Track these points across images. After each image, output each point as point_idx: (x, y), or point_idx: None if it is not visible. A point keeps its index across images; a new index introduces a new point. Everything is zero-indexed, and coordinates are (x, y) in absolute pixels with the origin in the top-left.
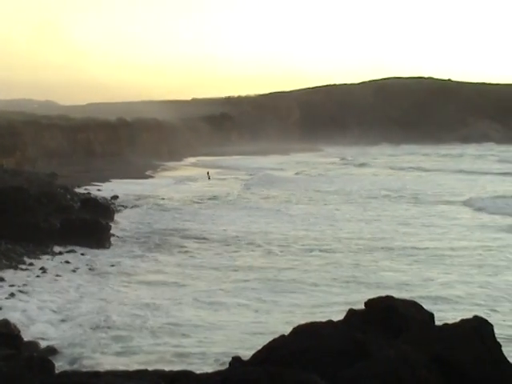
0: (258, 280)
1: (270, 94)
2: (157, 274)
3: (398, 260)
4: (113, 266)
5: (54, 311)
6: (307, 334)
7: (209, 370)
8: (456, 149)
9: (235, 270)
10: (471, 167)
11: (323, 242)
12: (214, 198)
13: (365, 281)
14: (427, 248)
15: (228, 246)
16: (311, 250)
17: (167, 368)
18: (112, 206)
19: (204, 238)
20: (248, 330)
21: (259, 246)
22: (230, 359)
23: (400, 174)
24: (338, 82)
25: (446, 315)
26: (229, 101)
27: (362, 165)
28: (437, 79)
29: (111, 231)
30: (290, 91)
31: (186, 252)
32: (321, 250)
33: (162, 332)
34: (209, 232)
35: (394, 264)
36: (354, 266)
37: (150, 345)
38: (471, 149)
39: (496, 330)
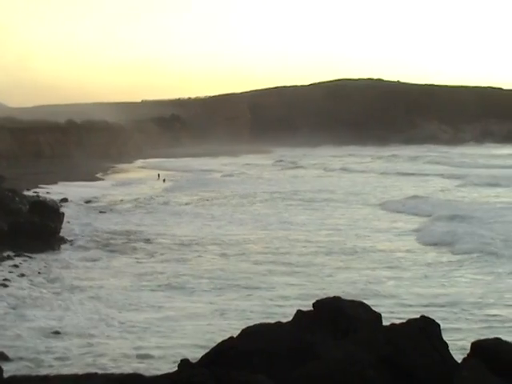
0: (211, 283)
1: (220, 95)
2: (108, 277)
3: (350, 261)
4: (63, 269)
5: (3, 317)
6: (255, 335)
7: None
8: (398, 150)
9: (187, 274)
10: (401, 168)
11: (276, 245)
12: (164, 200)
13: (318, 282)
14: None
15: (178, 249)
16: (264, 253)
17: (121, 371)
18: (61, 208)
19: (155, 242)
20: (200, 332)
21: (210, 249)
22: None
23: (330, 174)
24: (288, 84)
25: (397, 315)
26: (179, 102)
27: (298, 167)
28: (386, 81)
29: (61, 234)
30: (241, 93)
31: (138, 255)
32: (274, 254)
33: (115, 336)
34: (160, 235)
35: (346, 265)
36: (306, 269)
37: (103, 348)
38: (411, 150)
39: (453, 326)
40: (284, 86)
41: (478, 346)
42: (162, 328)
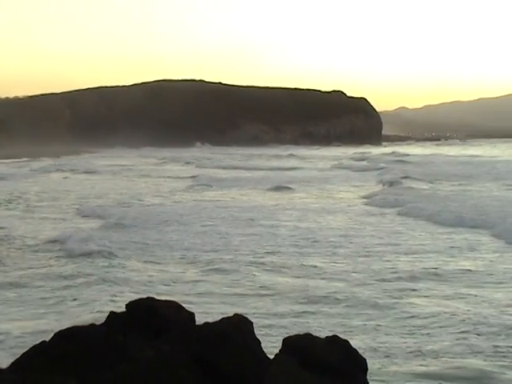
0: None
1: (40, 95)
2: None
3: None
4: None
5: None
6: (68, 338)
7: None
8: (197, 152)
9: None
10: (162, 170)
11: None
12: None
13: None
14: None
15: None
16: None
17: None
18: None
19: None
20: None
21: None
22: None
23: (79, 177)
24: (108, 84)
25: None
26: None
27: (63, 170)
28: (208, 82)
29: None
30: (60, 93)
31: None
32: (71, 256)
33: None
34: None
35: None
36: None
37: None
38: (206, 151)
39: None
40: (105, 86)
41: (288, 342)
42: None
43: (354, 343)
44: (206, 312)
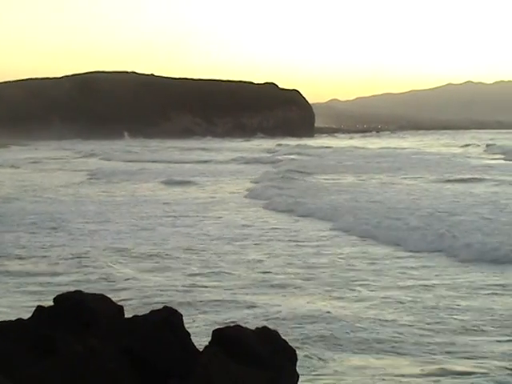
0: None
1: None
2: None
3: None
4: None
5: None
6: None
7: None
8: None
9: None
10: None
11: None
12: None
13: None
14: None
15: None
16: None
17: None
18: None
19: None
20: None
21: None
22: None
23: None
24: (39, 76)
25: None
26: None
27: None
28: (140, 74)
29: None
30: None
31: None
32: None
33: None
34: None
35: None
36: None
37: None
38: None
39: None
40: (35, 78)
41: (218, 334)
42: None
43: None
44: None
